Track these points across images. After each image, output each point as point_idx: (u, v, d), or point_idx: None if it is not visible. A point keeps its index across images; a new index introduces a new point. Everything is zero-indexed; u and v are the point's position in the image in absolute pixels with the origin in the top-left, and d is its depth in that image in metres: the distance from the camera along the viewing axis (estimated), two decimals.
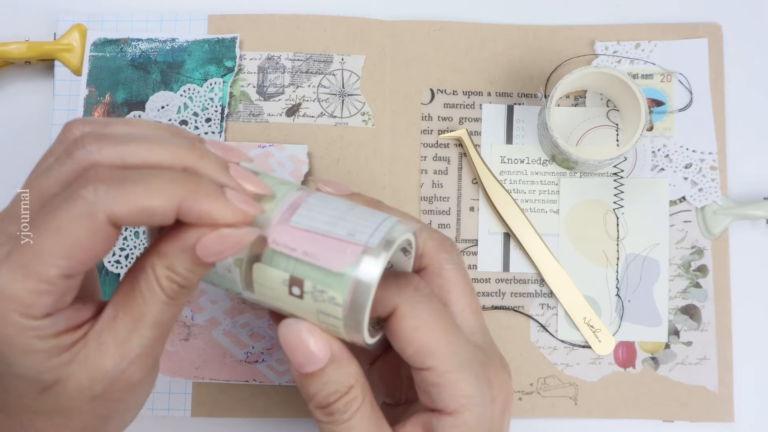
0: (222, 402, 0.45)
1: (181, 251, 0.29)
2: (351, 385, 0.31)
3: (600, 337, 0.45)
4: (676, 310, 0.46)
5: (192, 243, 0.29)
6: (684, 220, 0.47)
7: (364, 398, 0.31)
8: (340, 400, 0.31)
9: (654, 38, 0.48)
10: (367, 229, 0.29)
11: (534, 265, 0.46)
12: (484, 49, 0.48)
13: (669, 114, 0.47)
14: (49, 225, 0.27)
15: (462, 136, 0.47)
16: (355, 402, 0.31)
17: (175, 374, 0.45)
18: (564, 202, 0.47)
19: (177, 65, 0.48)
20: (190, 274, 0.29)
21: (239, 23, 0.48)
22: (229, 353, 0.45)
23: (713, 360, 0.45)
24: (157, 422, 0.46)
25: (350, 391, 0.31)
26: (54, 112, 0.47)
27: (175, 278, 0.29)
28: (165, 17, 0.48)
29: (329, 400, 0.31)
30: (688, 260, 0.46)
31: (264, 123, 0.47)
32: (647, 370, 0.46)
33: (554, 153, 0.46)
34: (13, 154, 0.48)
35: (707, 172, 0.47)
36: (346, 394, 0.31)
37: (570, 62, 0.48)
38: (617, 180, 0.47)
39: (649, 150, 0.47)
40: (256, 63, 0.48)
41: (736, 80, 0.48)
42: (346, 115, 0.47)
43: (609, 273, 0.46)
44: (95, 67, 0.47)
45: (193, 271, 0.29)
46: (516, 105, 0.48)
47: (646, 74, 0.48)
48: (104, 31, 0.48)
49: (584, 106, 0.47)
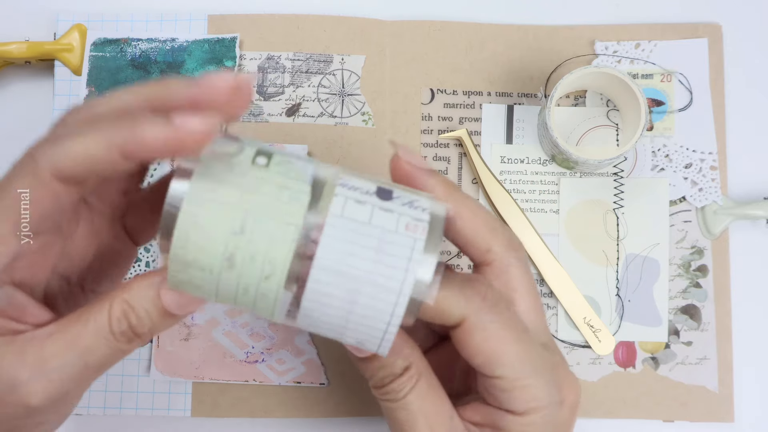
0: (222, 402, 0.45)
1: (148, 287, 0.28)
2: (405, 367, 0.31)
3: (600, 337, 0.45)
4: (676, 310, 0.46)
5: (156, 281, 0.28)
6: (684, 220, 0.47)
7: (420, 378, 0.31)
8: (394, 381, 0.31)
9: (654, 38, 0.48)
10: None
11: (534, 265, 0.46)
12: (484, 49, 0.48)
13: (669, 114, 0.47)
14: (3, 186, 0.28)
15: (462, 136, 0.47)
16: (409, 382, 0.31)
17: (175, 374, 0.45)
18: (564, 202, 0.47)
19: (177, 65, 0.48)
20: (147, 318, 0.28)
21: (239, 23, 0.48)
22: (229, 353, 0.45)
23: (713, 360, 0.45)
24: (157, 422, 0.46)
25: (405, 373, 0.31)
26: (54, 112, 0.47)
27: (130, 316, 0.28)
28: (165, 17, 0.48)
29: (384, 381, 0.31)
30: (688, 260, 0.46)
31: (264, 123, 0.47)
32: (647, 370, 0.46)
33: (554, 153, 0.46)
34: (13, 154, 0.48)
35: (707, 172, 0.47)
36: (400, 377, 0.31)
37: (570, 62, 0.48)
38: (617, 180, 0.47)
39: (649, 150, 0.47)
40: (256, 63, 0.48)
41: (736, 80, 0.48)
42: (346, 115, 0.47)
43: (609, 273, 0.46)
44: (95, 67, 0.47)
45: (152, 315, 0.28)
46: (516, 105, 0.48)
47: (646, 74, 0.48)
48: (104, 31, 0.48)
49: (584, 106, 0.47)
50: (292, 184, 0.27)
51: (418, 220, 0.27)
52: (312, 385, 0.45)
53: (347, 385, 0.45)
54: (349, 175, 0.28)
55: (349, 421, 0.46)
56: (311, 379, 0.45)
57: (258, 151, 0.27)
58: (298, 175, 0.27)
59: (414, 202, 0.28)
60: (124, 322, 0.28)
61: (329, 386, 0.45)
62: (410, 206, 0.28)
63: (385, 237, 0.26)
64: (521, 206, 0.46)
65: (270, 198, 0.26)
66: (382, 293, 0.27)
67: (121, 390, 0.45)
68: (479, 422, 0.32)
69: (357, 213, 0.27)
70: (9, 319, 0.29)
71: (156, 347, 0.45)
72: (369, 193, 0.27)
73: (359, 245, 0.26)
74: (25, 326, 0.29)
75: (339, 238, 0.26)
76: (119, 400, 0.45)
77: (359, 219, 0.27)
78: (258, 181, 0.26)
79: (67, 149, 0.27)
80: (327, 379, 0.45)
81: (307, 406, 0.45)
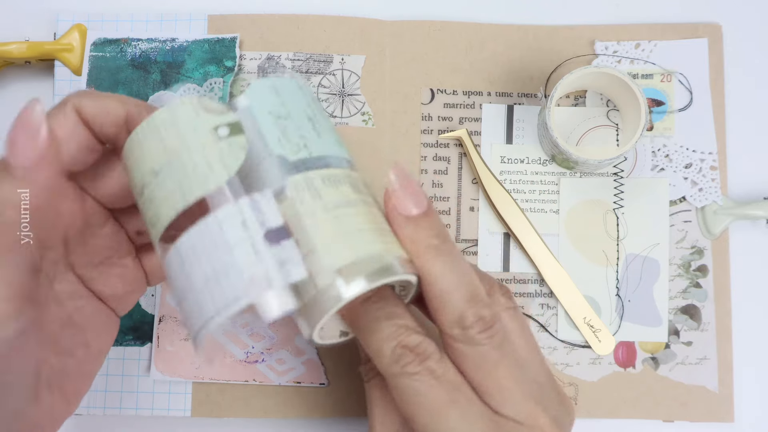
0: (222, 402, 0.45)
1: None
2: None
3: (600, 337, 0.45)
4: (676, 310, 0.46)
5: None
6: (684, 220, 0.47)
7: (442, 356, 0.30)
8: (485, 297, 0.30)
9: (654, 38, 0.48)
10: None
11: (534, 265, 0.46)
12: (484, 49, 0.48)
13: (669, 114, 0.47)
14: None
15: (462, 136, 0.47)
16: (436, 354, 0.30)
17: (175, 374, 0.45)
18: (564, 202, 0.47)
19: (177, 65, 0.48)
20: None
21: (239, 23, 0.48)
22: (229, 353, 0.45)
23: (713, 360, 0.45)
24: (157, 422, 0.46)
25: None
26: None
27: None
28: (165, 17, 0.48)
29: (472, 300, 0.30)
30: (688, 260, 0.46)
31: None
32: (647, 370, 0.46)
33: (554, 153, 0.46)
34: None
35: (707, 172, 0.47)
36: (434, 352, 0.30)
37: (570, 62, 0.48)
38: (617, 180, 0.47)
39: (649, 150, 0.47)
40: (256, 63, 0.48)
41: (736, 80, 0.48)
42: (346, 115, 0.47)
43: (609, 273, 0.46)
44: (95, 67, 0.47)
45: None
46: (516, 105, 0.48)
47: (646, 74, 0.48)
48: (104, 31, 0.48)
49: (584, 106, 0.47)
50: (216, 166, 0.28)
51: (266, 281, 0.26)
52: (312, 385, 0.45)
53: (347, 385, 0.45)
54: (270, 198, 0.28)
55: (349, 421, 0.46)
56: (311, 379, 0.45)
57: (229, 124, 0.29)
58: (234, 158, 0.28)
59: (288, 264, 0.27)
60: None
61: (329, 386, 0.45)
62: (279, 264, 0.26)
63: (228, 272, 0.26)
64: (521, 206, 0.46)
65: (194, 164, 0.28)
66: (195, 312, 0.27)
67: (121, 390, 0.45)
68: None
69: (231, 232, 0.27)
70: None
71: (156, 347, 0.45)
72: (263, 225, 0.27)
73: (207, 259, 0.27)
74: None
75: (202, 239, 0.27)
76: (119, 400, 0.45)
77: (227, 238, 0.27)
78: (199, 145, 0.28)
79: (93, 98, 0.31)
80: (327, 379, 0.45)
81: (307, 406, 0.45)
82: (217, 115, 0.29)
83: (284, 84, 0.32)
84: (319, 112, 0.32)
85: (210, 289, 0.26)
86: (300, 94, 0.32)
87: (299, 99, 0.32)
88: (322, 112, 0.33)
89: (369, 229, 0.28)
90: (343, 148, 0.32)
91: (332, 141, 0.32)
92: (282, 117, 0.30)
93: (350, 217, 0.28)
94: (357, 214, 0.28)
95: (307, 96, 0.32)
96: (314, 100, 0.33)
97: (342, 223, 0.28)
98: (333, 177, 0.29)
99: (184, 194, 0.28)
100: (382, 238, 0.29)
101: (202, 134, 0.29)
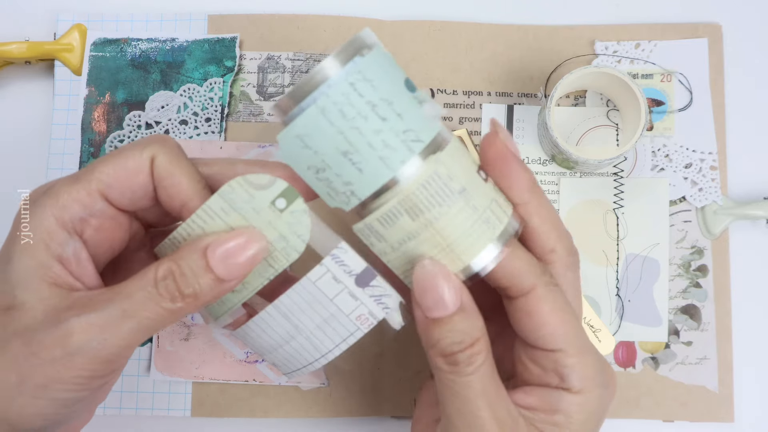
0: (222, 402, 0.45)
1: (194, 249, 0.29)
2: (477, 337, 0.30)
3: (600, 337, 0.45)
4: (676, 310, 0.46)
5: (203, 245, 0.29)
6: (684, 220, 0.47)
7: (487, 357, 0.31)
8: (465, 351, 0.30)
9: (654, 38, 0.48)
10: None
11: None
12: (484, 49, 0.48)
13: (669, 114, 0.47)
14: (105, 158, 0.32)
15: (462, 136, 0.47)
16: (479, 357, 0.30)
17: (175, 374, 0.45)
18: (564, 202, 0.47)
19: (177, 65, 0.48)
20: (191, 276, 0.29)
21: (239, 23, 0.48)
22: (229, 353, 0.45)
23: (713, 360, 0.45)
24: (157, 422, 0.46)
25: (475, 344, 0.30)
26: (54, 112, 0.47)
27: (175, 272, 0.29)
28: (165, 17, 0.48)
29: (453, 348, 0.30)
30: (688, 260, 0.46)
31: (264, 123, 0.47)
32: (647, 370, 0.46)
33: (554, 153, 0.46)
34: (13, 153, 0.48)
35: (707, 172, 0.47)
36: (471, 347, 0.30)
37: (570, 62, 0.48)
38: (617, 180, 0.47)
39: (649, 150, 0.47)
40: (256, 63, 0.48)
41: (736, 80, 0.48)
42: None
43: (609, 273, 0.46)
44: (95, 67, 0.47)
45: (197, 274, 0.29)
46: (516, 105, 0.48)
47: (646, 74, 0.48)
48: (104, 31, 0.48)
49: (584, 106, 0.47)
50: (291, 238, 0.30)
51: (371, 316, 0.31)
52: (312, 385, 0.45)
53: (347, 385, 0.45)
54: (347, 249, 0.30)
55: (349, 421, 0.46)
56: (311, 379, 0.45)
57: (282, 193, 0.30)
58: (303, 227, 0.30)
59: (383, 297, 0.31)
60: (169, 278, 0.29)
61: (329, 386, 0.45)
62: (376, 300, 0.31)
63: (337, 316, 0.31)
64: None
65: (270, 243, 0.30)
66: (310, 350, 0.32)
67: (121, 390, 0.45)
68: (533, 405, 0.32)
69: (327, 287, 0.30)
70: (68, 272, 0.30)
71: (156, 347, 0.45)
72: (351, 273, 0.30)
73: (313, 310, 0.31)
74: (79, 285, 0.30)
75: (302, 298, 0.31)
76: (119, 400, 0.45)
77: (326, 293, 0.30)
78: (266, 224, 0.30)
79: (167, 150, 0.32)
80: (327, 379, 0.45)
81: (307, 406, 0.45)
82: (268, 190, 0.30)
83: (307, 123, 0.28)
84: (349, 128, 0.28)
85: (323, 331, 0.31)
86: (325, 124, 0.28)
87: (326, 134, 0.28)
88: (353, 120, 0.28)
89: (432, 254, 0.30)
90: (386, 148, 0.29)
91: (374, 160, 0.29)
92: (321, 169, 0.29)
93: (412, 249, 0.30)
94: (418, 245, 0.30)
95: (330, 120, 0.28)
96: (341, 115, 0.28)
97: (408, 256, 0.31)
98: (387, 215, 0.29)
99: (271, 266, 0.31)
100: (448, 256, 0.30)
101: (264, 213, 0.30)
